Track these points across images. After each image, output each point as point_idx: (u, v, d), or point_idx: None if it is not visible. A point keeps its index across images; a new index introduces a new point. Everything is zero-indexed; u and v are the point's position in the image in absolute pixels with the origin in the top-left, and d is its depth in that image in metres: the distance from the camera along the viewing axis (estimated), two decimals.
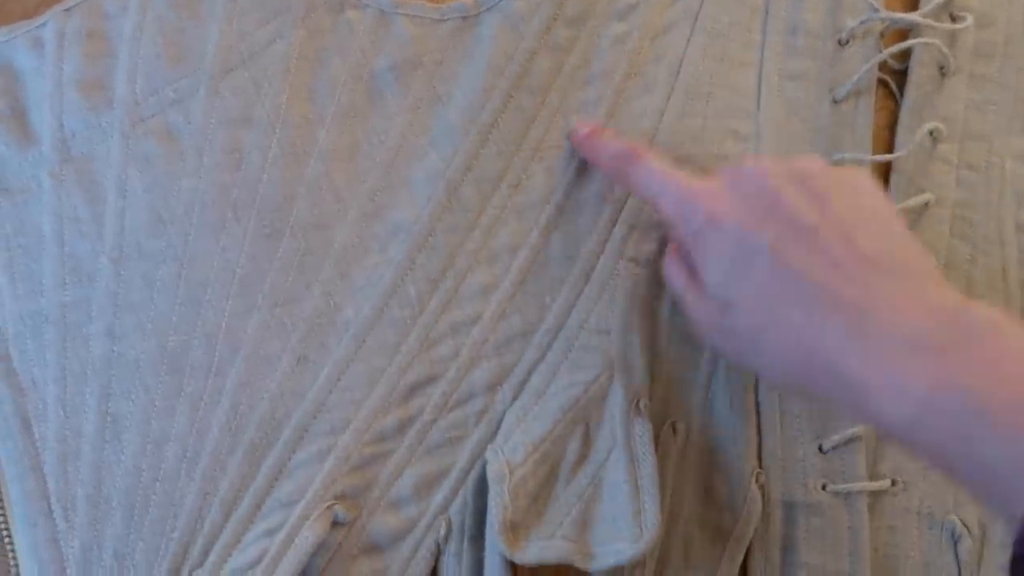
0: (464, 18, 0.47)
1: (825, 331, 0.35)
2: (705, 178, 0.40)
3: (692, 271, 0.40)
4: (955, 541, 0.46)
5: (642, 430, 0.42)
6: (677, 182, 0.40)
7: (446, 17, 0.47)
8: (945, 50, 0.48)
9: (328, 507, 0.42)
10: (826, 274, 0.36)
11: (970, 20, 0.49)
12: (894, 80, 0.50)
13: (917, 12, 0.49)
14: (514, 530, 0.40)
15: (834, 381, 0.35)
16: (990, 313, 0.34)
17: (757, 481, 0.44)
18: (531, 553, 0.40)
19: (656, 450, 0.43)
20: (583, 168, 0.46)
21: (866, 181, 0.39)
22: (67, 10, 0.46)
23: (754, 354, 0.38)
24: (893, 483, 0.46)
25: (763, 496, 0.44)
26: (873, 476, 0.46)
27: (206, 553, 0.42)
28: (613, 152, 0.43)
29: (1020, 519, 0.29)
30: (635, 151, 0.42)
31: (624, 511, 0.40)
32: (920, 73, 0.49)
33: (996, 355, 0.32)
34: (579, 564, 0.40)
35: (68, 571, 0.42)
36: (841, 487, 0.45)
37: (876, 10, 0.48)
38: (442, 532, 0.43)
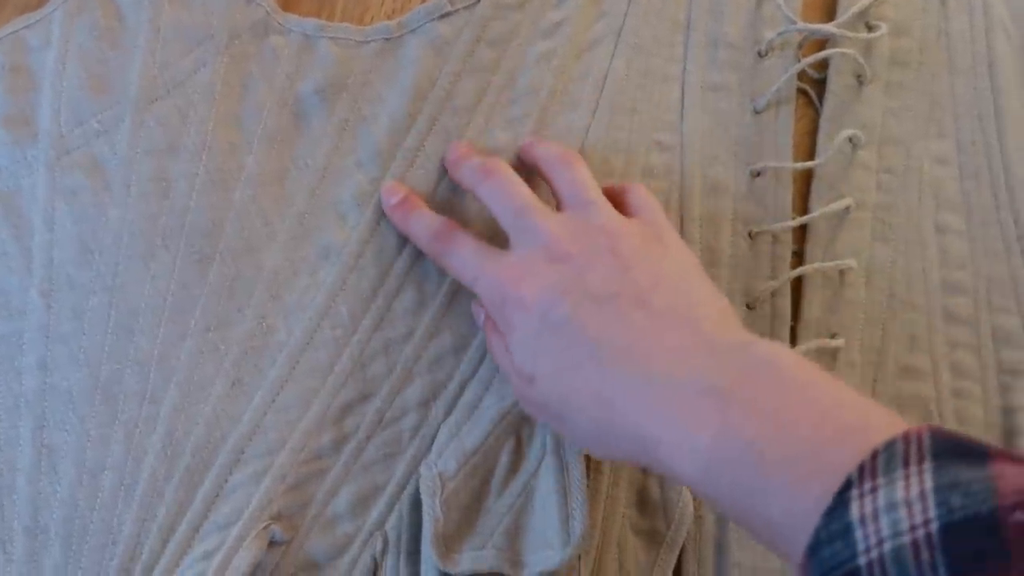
0: (387, 40, 0.47)
1: (618, 388, 0.36)
2: (517, 251, 0.41)
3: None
4: None
5: None
6: (487, 266, 0.41)
7: (369, 39, 0.47)
8: (861, 59, 0.49)
9: (265, 527, 0.42)
10: (621, 335, 0.37)
11: (884, 29, 0.50)
12: (813, 89, 0.51)
13: (833, 23, 0.50)
14: (447, 542, 0.41)
15: (632, 438, 0.36)
16: (770, 349, 0.35)
17: None
18: (463, 564, 0.41)
19: (589, 458, 0.44)
20: None
21: (671, 237, 0.41)
22: None
23: (562, 422, 0.39)
24: None
25: (695, 499, 0.45)
26: None
27: None
28: (427, 231, 0.43)
29: None
30: (447, 232, 0.43)
31: (553, 519, 0.41)
32: (838, 82, 0.50)
33: (775, 397, 0.33)
34: (509, 573, 0.41)
35: None
36: None
37: (793, 22, 0.49)
38: (378, 547, 0.43)
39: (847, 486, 0.29)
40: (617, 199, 0.44)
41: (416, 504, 0.43)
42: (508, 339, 0.40)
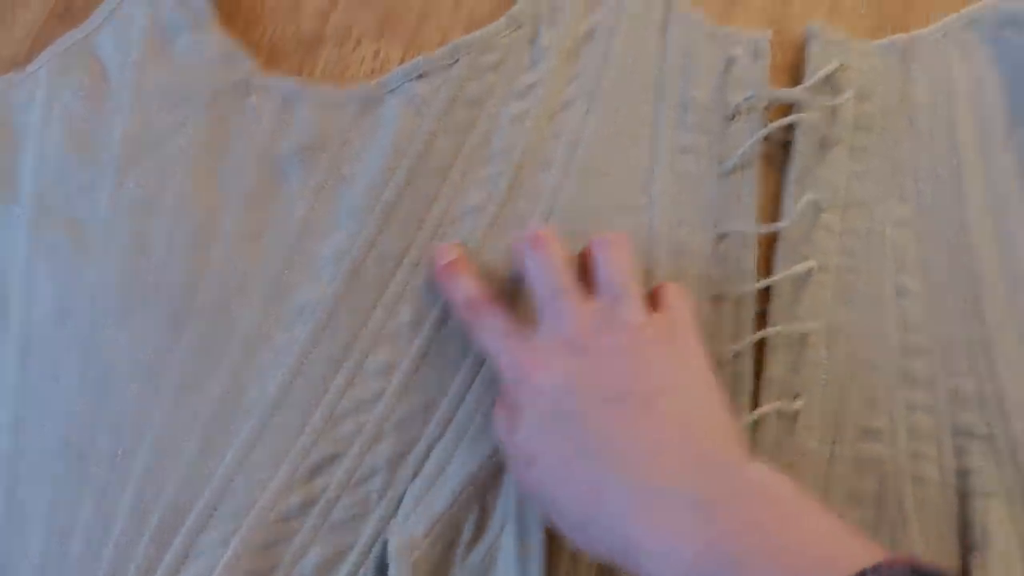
0: (366, 100, 0.49)
1: (610, 488, 0.37)
2: (542, 333, 0.43)
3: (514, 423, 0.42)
4: None
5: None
6: (511, 344, 0.43)
7: (350, 99, 0.49)
8: (825, 124, 0.51)
9: None
10: (622, 438, 0.39)
11: (849, 95, 0.52)
12: (780, 152, 0.52)
13: (799, 88, 0.52)
14: None
15: (616, 538, 0.37)
16: (763, 473, 0.37)
17: None
18: None
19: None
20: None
21: (690, 339, 0.43)
22: None
23: (553, 508, 0.40)
24: None
25: None
26: None
27: None
28: (463, 298, 0.45)
29: None
30: (480, 304, 0.44)
31: None
32: (803, 145, 0.51)
33: (763, 519, 0.35)
34: None
35: None
36: None
37: (760, 87, 0.51)
38: None
39: None
40: (652, 292, 0.46)
41: (381, 568, 0.44)
42: (517, 418, 0.41)
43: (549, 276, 0.44)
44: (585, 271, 0.45)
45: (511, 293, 0.45)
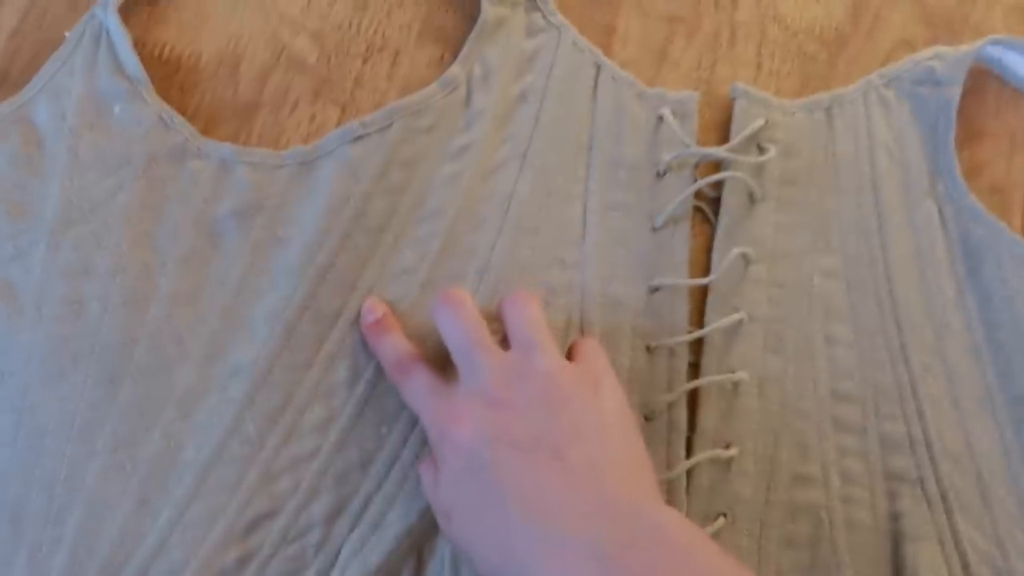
0: (302, 163, 0.50)
1: (518, 537, 0.38)
2: (461, 389, 0.43)
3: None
4: None
5: None
6: (433, 402, 0.44)
7: (286, 162, 0.50)
8: (751, 180, 0.52)
9: None
10: (531, 487, 0.39)
11: (773, 152, 0.53)
12: (710, 207, 0.54)
13: (725, 147, 0.53)
14: None
15: None
16: (660, 517, 0.38)
17: None
18: None
19: None
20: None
21: (607, 383, 0.44)
22: None
23: (471, 559, 0.40)
24: None
25: None
26: None
27: None
28: (393, 357, 0.46)
29: None
30: (408, 363, 0.45)
31: None
32: (731, 201, 0.53)
33: (656, 564, 0.36)
34: None
35: None
36: None
37: (688, 146, 0.52)
38: None
39: None
40: (569, 348, 0.47)
41: None
42: (439, 473, 0.42)
43: (463, 332, 0.44)
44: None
45: (443, 352, 0.46)
